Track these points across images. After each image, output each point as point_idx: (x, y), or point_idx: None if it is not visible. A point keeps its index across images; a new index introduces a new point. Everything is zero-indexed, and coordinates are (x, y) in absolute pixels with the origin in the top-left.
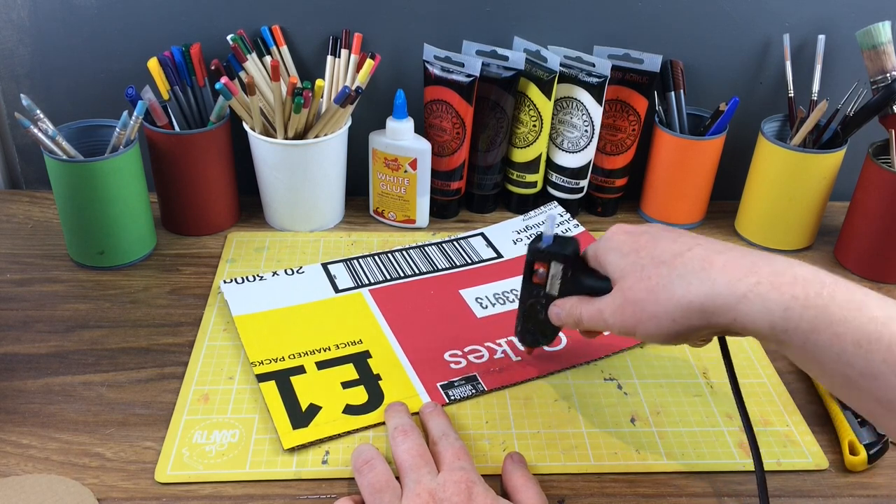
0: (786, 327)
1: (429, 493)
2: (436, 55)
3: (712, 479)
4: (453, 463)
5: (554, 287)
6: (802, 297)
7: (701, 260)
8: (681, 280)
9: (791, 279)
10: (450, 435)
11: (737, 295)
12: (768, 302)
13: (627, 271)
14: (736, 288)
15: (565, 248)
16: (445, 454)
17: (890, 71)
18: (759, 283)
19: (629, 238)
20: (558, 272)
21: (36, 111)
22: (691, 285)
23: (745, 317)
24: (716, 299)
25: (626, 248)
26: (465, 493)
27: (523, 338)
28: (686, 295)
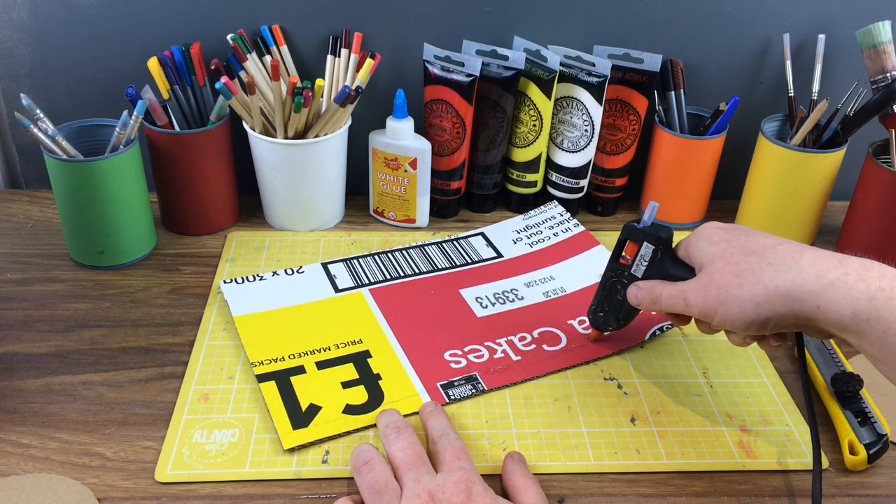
0: (868, 316)
1: (428, 493)
2: (436, 55)
3: (712, 479)
4: (453, 463)
5: (639, 269)
6: (888, 289)
7: (792, 251)
8: (770, 267)
9: (879, 274)
10: (450, 434)
11: (824, 283)
12: (854, 290)
13: (716, 257)
14: (824, 276)
15: (660, 232)
16: (445, 454)
17: (890, 70)
18: (848, 273)
19: (721, 230)
20: (648, 253)
21: (36, 111)
22: (779, 272)
23: (830, 303)
24: (803, 285)
25: (716, 237)
26: (464, 493)
27: (594, 317)
28: (773, 280)
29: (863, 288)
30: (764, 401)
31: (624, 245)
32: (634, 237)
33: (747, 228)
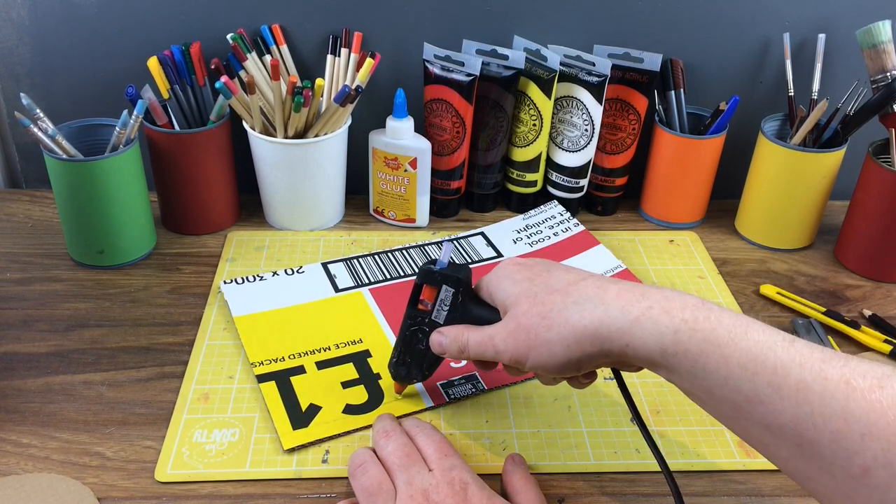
0: (676, 350)
1: (422, 493)
2: (436, 54)
3: (712, 479)
4: (443, 461)
5: (440, 315)
6: (691, 320)
7: (595, 287)
8: (575, 306)
9: (681, 304)
10: (425, 428)
11: (629, 319)
12: (659, 325)
13: (521, 297)
14: (629, 312)
15: (458, 273)
16: (428, 449)
17: (890, 70)
18: (651, 307)
19: (522, 268)
20: (448, 297)
21: (36, 110)
22: (585, 311)
23: (637, 340)
24: (610, 324)
25: (518, 276)
26: (460, 495)
27: (397, 371)
28: (581, 320)
29: (666, 321)
30: None
31: (421, 290)
32: (431, 280)
33: (548, 262)
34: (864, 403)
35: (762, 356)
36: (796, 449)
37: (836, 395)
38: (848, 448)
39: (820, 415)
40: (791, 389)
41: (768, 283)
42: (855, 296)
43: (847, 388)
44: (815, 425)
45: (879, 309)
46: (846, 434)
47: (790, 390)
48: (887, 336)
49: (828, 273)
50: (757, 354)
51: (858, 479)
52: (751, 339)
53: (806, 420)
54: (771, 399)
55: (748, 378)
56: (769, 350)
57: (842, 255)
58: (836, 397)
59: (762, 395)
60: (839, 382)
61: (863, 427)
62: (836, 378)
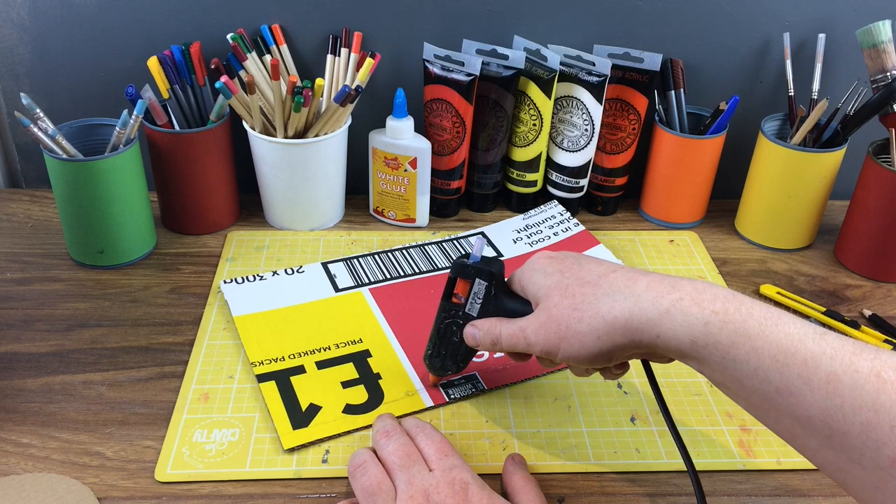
0: (706, 342)
1: (422, 493)
2: (436, 54)
3: (712, 478)
4: (443, 460)
5: (474, 308)
6: (722, 311)
7: (625, 279)
8: (606, 297)
9: (712, 296)
10: (425, 428)
11: (660, 310)
12: (690, 317)
13: (552, 290)
14: (659, 304)
15: (492, 266)
16: (428, 449)
17: (890, 70)
18: (682, 298)
19: (553, 261)
20: (481, 290)
21: (36, 110)
22: (616, 302)
23: (668, 332)
24: (640, 315)
25: (549, 269)
26: (460, 495)
27: (432, 363)
28: (611, 311)
29: (697, 313)
30: None
31: (455, 283)
32: (465, 274)
33: (579, 255)
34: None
35: (793, 348)
36: (826, 440)
37: (866, 387)
38: (878, 439)
39: (850, 406)
40: (821, 381)
41: (768, 283)
42: (855, 296)
43: (878, 380)
44: (844, 416)
45: (879, 309)
46: (876, 425)
47: (820, 382)
48: (887, 336)
49: (828, 273)
50: (787, 346)
51: (887, 469)
52: (782, 330)
53: (836, 411)
54: (801, 391)
55: (778, 370)
56: (800, 342)
57: (842, 254)
58: (867, 389)
59: (792, 387)
60: (870, 375)
61: (892, 419)
62: (867, 370)
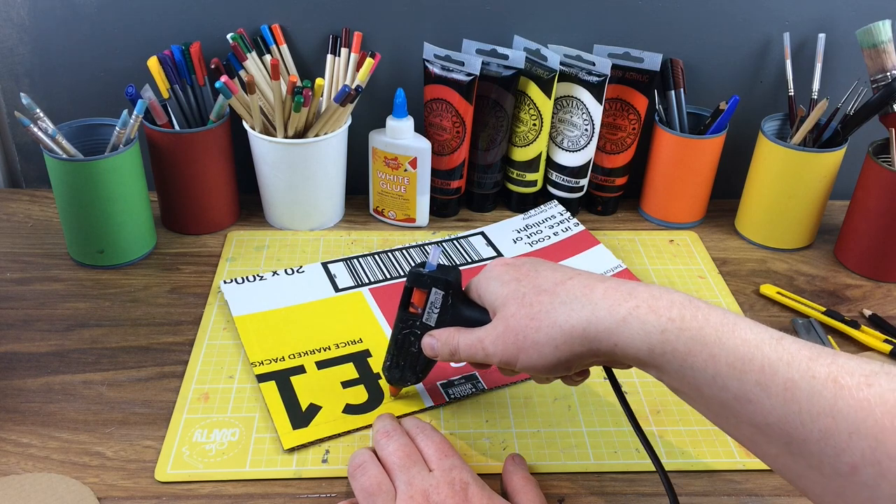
0: (664, 350)
1: (422, 493)
2: (436, 54)
3: (712, 478)
4: (443, 461)
5: (431, 317)
6: (678, 319)
7: (582, 287)
8: (563, 306)
9: (668, 302)
10: (425, 428)
11: (617, 319)
12: (646, 325)
13: (509, 299)
14: (616, 312)
15: (448, 275)
16: (428, 450)
17: (890, 69)
18: (638, 306)
19: (509, 268)
20: (437, 300)
21: (36, 110)
22: (573, 311)
23: (625, 340)
24: (597, 324)
25: (506, 276)
26: (460, 495)
27: (390, 374)
28: (568, 320)
29: (654, 321)
30: None
31: (411, 293)
32: (421, 284)
33: (536, 261)
34: (852, 401)
35: (749, 355)
36: (785, 447)
37: (823, 393)
38: (836, 446)
39: (808, 413)
40: (779, 388)
41: (768, 283)
42: (855, 295)
43: (835, 386)
44: (803, 423)
45: (879, 309)
46: (834, 432)
47: (778, 389)
48: (887, 336)
49: (828, 273)
50: (744, 353)
51: (847, 476)
52: (738, 337)
53: (794, 418)
54: (759, 398)
55: (736, 377)
56: (756, 349)
57: (842, 254)
58: (824, 395)
59: (750, 394)
60: (826, 380)
61: (850, 425)
62: (824, 376)
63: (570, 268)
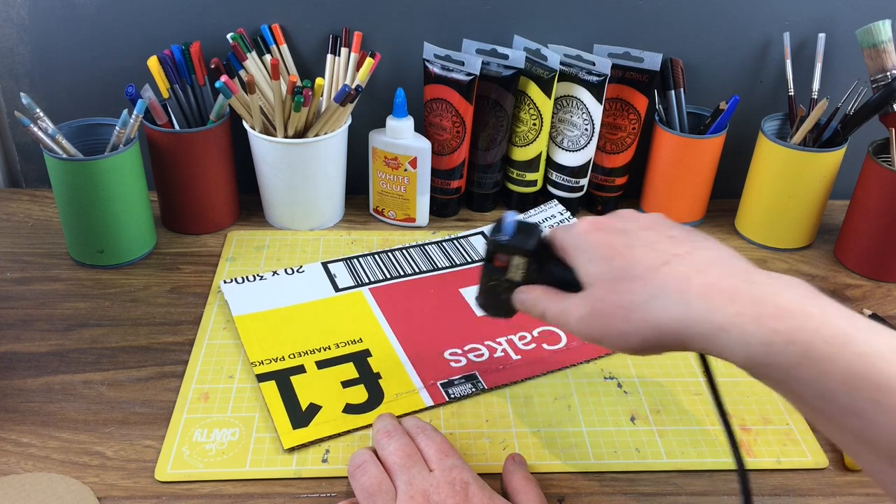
0: (766, 362)
1: (422, 493)
2: (436, 53)
3: (712, 478)
4: (443, 461)
5: (517, 275)
6: (785, 331)
7: (678, 280)
8: (655, 301)
9: (773, 310)
10: (426, 428)
11: (714, 325)
12: (747, 336)
13: (598, 281)
14: (713, 318)
15: (527, 241)
16: (428, 450)
17: (890, 69)
18: (739, 314)
19: (602, 239)
20: (521, 264)
21: (36, 109)
22: (666, 308)
23: (722, 347)
24: (692, 327)
25: (597, 252)
26: (461, 495)
27: (485, 308)
28: (660, 319)
29: (755, 331)
30: (764, 400)
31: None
32: (501, 251)
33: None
34: None
35: (865, 372)
36: (888, 461)
37: None
38: None
39: None
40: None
41: None
42: (855, 295)
43: None
44: None
45: (879, 308)
46: None
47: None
48: None
49: (828, 273)
50: (859, 370)
51: None
52: (852, 352)
53: None
54: (871, 414)
55: (847, 392)
56: (872, 367)
57: (842, 254)
58: None
59: (861, 410)
60: None
61: None
62: None
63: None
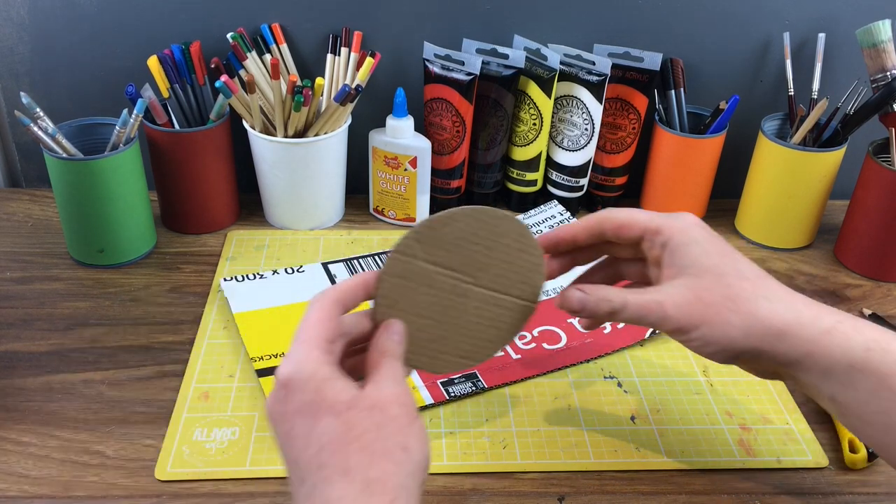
0: (864, 367)
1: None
2: (436, 53)
3: (712, 477)
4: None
5: None
6: (882, 340)
7: (785, 291)
8: (765, 301)
9: (870, 326)
10: None
11: (821, 329)
12: (851, 340)
13: (707, 272)
14: (821, 322)
15: None
16: None
17: (890, 69)
18: (842, 321)
19: (713, 239)
20: None
21: (36, 109)
22: (776, 309)
23: (824, 350)
24: (800, 329)
25: (710, 247)
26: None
27: None
28: (770, 315)
29: (857, 337)
30: (764, 399)
31: None
32: None
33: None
34: None
35: None
36: None
37: None
38: None
39: None
40: None
41: None
42: (855, 295)
43: None
44: None
45: (879, 308)
46: None
47: None
48: None
49: (828, 272)
50: None
51: None
52: None
53: None
54: None
55: None
56: None
57: (842, 254)
58: None
59: None
60: None
61: None
62: None
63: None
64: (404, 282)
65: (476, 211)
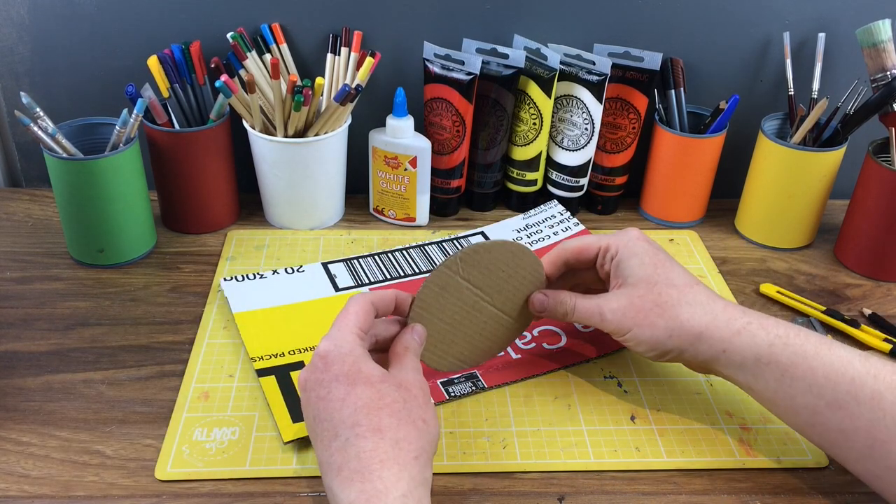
0: (769, 360)
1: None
2: (436, 53)
3: (712, 477)
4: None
5: None
6: (784, 336)
7: (707, 296)
8: (687, 306)
9: (774, 323)
10: None
11: (732, 330)
12: (757, 338)
13: (641, 282)
14: (733, 324)
15: None
16: None
17: (890, 69)
18: (751, 322)
19: (651, 251)
20: None
21: (36, 109)
22: (696, 314)
23: (735, 348)
24: (714, 331)
25: (648, 259)
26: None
27: None
28: (690, 319)
29: (764, 336)
30: None
31: None
32: None
33: (667, 254)
34: None
35: (843, 369)
36: (868, 450)
37: None
38: None
39: (892, 418)
40: (867, 397)
41: (768, 282)
42: (855, 295)
43: None
44: (887, 427)
45: (879, 308)
46: None
47: (866, 398)
48: (887, 335)
49: (828, 272)
50: (839, 367)
51: None
52: (833, 353)
53: (880, 423)
54: (849, 405)
55: (830, 387)
56: (849, 364)
57: (842, 254)
58: None
59: (841, 402)
60: None
61: None
62: None
63: (693, 275)
64: (442, 291)
65: (510, 244)
